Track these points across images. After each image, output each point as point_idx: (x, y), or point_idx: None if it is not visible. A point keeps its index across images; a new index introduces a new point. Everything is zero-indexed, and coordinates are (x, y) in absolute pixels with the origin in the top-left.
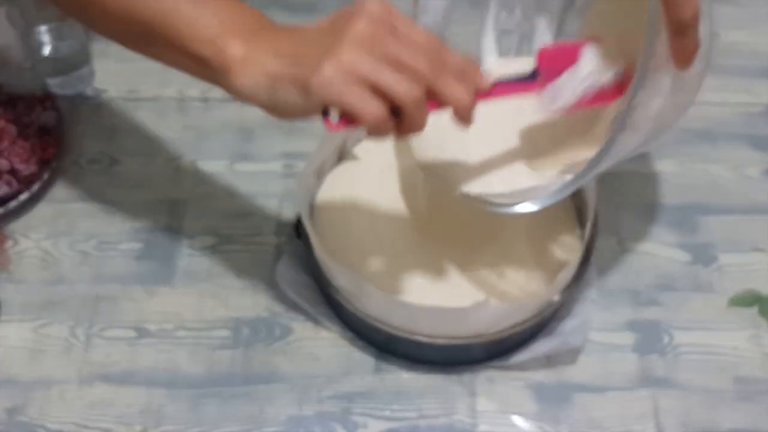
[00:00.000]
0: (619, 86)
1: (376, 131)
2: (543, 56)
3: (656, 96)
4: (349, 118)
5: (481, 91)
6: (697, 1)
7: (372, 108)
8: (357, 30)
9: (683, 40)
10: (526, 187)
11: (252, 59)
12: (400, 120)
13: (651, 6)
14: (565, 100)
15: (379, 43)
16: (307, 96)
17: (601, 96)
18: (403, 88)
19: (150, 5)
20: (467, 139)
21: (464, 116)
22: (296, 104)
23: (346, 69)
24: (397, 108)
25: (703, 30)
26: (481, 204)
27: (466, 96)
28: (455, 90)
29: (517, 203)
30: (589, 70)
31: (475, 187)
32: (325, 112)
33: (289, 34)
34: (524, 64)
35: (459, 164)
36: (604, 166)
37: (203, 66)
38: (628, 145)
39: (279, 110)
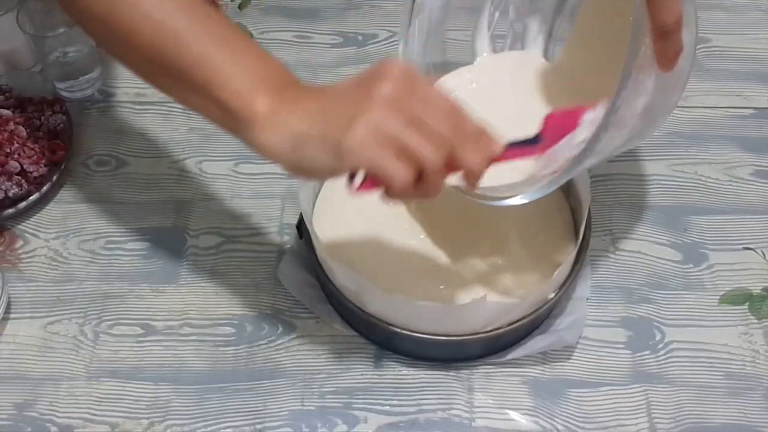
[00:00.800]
0: None
1: (398, 195)
2: (548, 122)
3: (640, 96)
4: (373, 181)
5: (493, 157)
6: (679, 6)
7: (401, 172)
8: (384, 90)
9: (666, 43)
10: (514, 182)
11: (279, 117)
12: (418, 185)
13: (636, 10)
14: (557, 165)
15: (405, 104)
16: (337, 157)
17: None
18: (427, 152)
19: (185, 50)
20: None
21: (475, 181)
22: (324, 165)
23: (376, 129)
24: (419, 173)
25: (689, 36)
26: (470, 197)
27: (482, 163)
28: (473, 157)
29: (505, 197)
30: (584, 137)
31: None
32: (351, 175)
33: (316, 92)
34: (516, 59)
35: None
36: (589, 162)
37: (228, 117)
38: (612, 142)
39: (304, 170)
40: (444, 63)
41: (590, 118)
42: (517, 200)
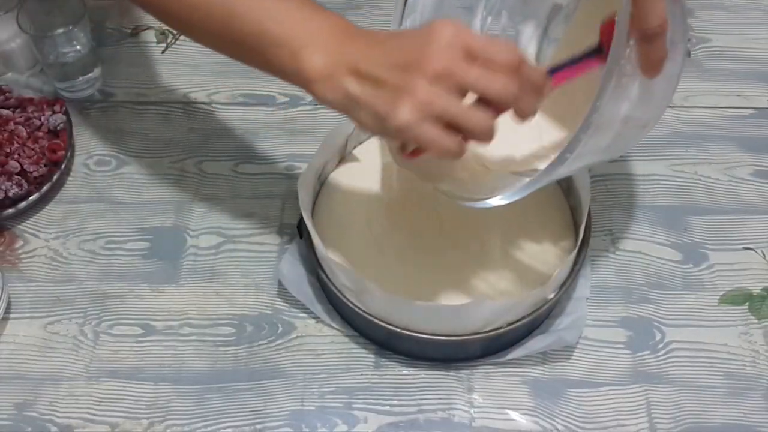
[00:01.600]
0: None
1: (449, 158)
2: (604, 31)
3: (623, 100)
4: (422, 149)
5: (544, 95)
6: (664, 11)
7: (446, 143)
8: (431, 64)
9: (650, 46)
10: (496, 184)
11: (333, 76)
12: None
13: (621, 13)
14: (631, 67)
15: (455, 75)
16: (384, 129)
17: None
18: (477, 121)
19: (245, 17)
20: None
21: (526, 120)
22: (374, 129)
23: (422, 108)
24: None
25: (678, 48)
26: (454, 198)
27: (535, 105)
28: (528, 104)
29: (487, 197)
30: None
31: (447, 183)
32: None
33: (371, 48)
34: None
35: (433, 161)
36: (571, 165)
37: (288, 76)
38: (593, 145)
39: (359, 124)
40: None
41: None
42: (496, 201)
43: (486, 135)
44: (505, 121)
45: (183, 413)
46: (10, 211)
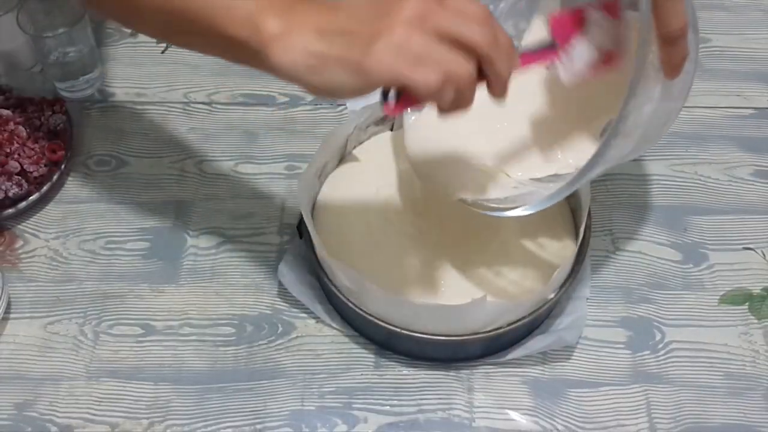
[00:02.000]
0: (619, 51)
1: (433, 99)
2: (555, 24)
3: (647, 103)
4: (407, 99)
5: (515, 69)
6: (685, 13)
7: (427, 76)
8: (406, 9)
9: (672, 49)
10: (519, 192)
11: (291, 37)
12: (450, 96)
13: (642, 18)
14: (579, 66)
15: (430, 19)
16: (359, 77)
17: (608, 61)
18: (456, 67)
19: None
20: (463, 145)
21: (503, 91)
22: (346, 85)
23: (398, 48)
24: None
25: (692, 41)
26: (476, 208)
27: (509, 71)
28: (501, 64)
29: (511, 208)
30: (595, 35)
31: (468, 192)
32: (384, 95)
33: (330, 10)
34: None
35: (454, 171)
36: (597, 172)
37: (241, 48)
38: (620, 150)
39: (327, 91)
40: None
41: (594, 18)
42: (520, 211)
43: (468, 85)
44: (521, 127)
45: (183, 413)
46: (10, 211)
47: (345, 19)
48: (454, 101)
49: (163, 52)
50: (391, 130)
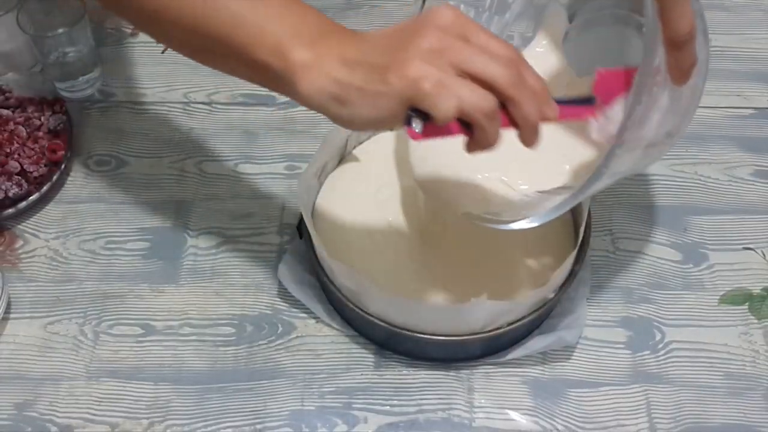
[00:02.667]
0: None
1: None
2: (600, 80)
3: (654, 112)
4: (432, 127)
5: (549, 119)
6: (692, 17)
7: (444, 98)
8: (425, 42)
9: (680, 54)
10: (523, 204)
11: (318, 65)
12: (471, 133)
13: (647, 22)
14: (613, 128)
15: (448, 54)
16: (376, 107)
17: None
18: (474, 99)
19: (216, 16)
20: (468, 160)
21: (532, 137)
22: (369, 117)
23: (413, 82)
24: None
25: (703, 52)
26: (481, 222)
27: (536, 117)
28: (528, 107)
29: (515, 220)
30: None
31: (474, 206)
32: (408, 123)
33: (355, 40)
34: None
35: (460, 186)
36: (603, 183)
37: (267, 73)
38: (625, 162)
39: (348, 120)
40: None
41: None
42: (525, 224)
43: (491, 120)
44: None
45: (183, 413)
46: (10, 211)
47: (368, 50)
48: (477, 139)
49: (163, 52)
50: (391, 130)
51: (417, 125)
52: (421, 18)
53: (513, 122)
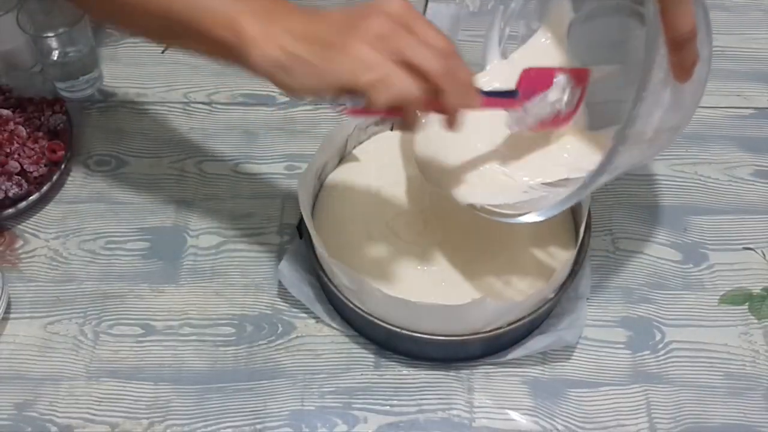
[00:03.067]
0: (568, 115)
1: (383, 111)
2: (524, 77)
3: (657, 108)
4: (363, 107)
5: (472, 107)
6: (693, 15)
7: (375, 86)
8: (370, 27)
9: (682, 53)
10: (529, 198)
11: (269, 37)
12: (400, 116)
13: (649, 22)
14: (530, 121)
15: (390, 41)
16: (319, 80)
17: (556, 121)
18: (406, 89)
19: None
20: (471, 150)
21: (453, 123)
22: (311, 87)
23: (357, 61)
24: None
25: (705, 50)
26: (486, 214)
27: (461, 104)
28: (455, 96)
29: (521, 214)
30: (556, 98)
31: (479, 198)
32: (344, 99)
33: (306, 15)
34: (529, 59)
35: (463, 176)
36: (606, 177)
37: (224, 48)
38: (629, 156)
39: (294, 90)
40: None
41: (561, 81)
42: (531, 217)
43: (414, 106)
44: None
45: (183, 413)
46: (10, 211)
47: (317, 26)
48: (405, 119)
49: (163, 52)
50: (391, 129)
51: (348, 101)
52: (372, 4)
53: (440, 108)
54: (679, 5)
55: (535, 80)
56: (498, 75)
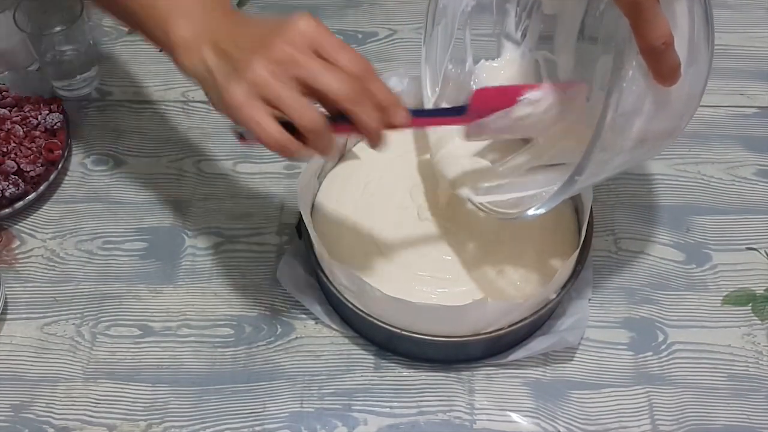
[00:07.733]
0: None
1: (278, 151)
2: (477, 96)
3: (635, 117)
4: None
5: (396, 126)
6: (666, 28)
7: (272, 131)
8: (274, 50)
9: (658, 62)
10: (525, 194)
11: (193, 47)
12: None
13: (619, 36)
14: (489, 134)
15: (295, 65)
16: (221, 105)
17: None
18: (302, 114)
19: None
20: (470, 144)
21: (374, 142)
22: (216, 104)
23: (249, 90)
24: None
25: (703, 51)
26: (485, 211)
27: (377, 126)
28: (367, 118)
29: (520, 211)
30: (525, 113)
31: (485, 196)
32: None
33: (234, 24)
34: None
35: (454, 164)
36: (592, 180)
37: (160, 46)
38: (610, 162)
39: (212, 102)
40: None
41: (533, 97)
42: (531, 212)
43: (316, 136)
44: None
45: (181, 415)
46: (7, 210)
47: (238, 39)
48: (310, 147)
49: (160, 51)
50: None
51: (247, 134)
52: (285, 23)
53: (357, 131)
54: (648, 18)
55: (491, 99)
56: (510, 66)
